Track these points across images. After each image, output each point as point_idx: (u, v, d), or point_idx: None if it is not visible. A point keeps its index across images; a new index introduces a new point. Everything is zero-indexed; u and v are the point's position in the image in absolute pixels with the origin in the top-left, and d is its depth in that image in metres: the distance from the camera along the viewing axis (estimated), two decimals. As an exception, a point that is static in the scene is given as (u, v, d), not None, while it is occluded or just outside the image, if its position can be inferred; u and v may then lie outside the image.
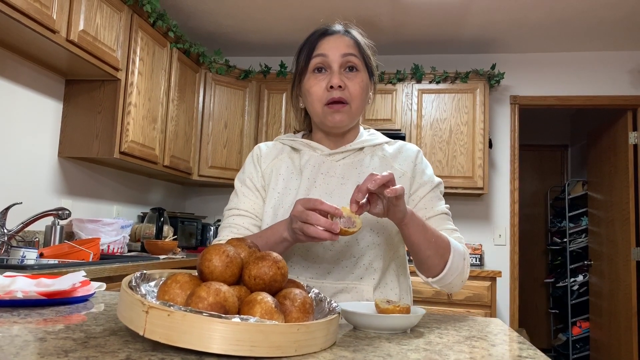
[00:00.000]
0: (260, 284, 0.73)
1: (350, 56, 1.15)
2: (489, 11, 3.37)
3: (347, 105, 1.14)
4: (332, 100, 1.13)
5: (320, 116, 1.16)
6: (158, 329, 0.61)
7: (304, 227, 0.91)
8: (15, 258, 1.94)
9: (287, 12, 3.51)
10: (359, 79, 1.15)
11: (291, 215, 0.95)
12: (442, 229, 1.14)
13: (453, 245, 1.08)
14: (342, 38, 1.17)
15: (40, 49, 2.36)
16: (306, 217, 0.91)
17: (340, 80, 1.12)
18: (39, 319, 0.80)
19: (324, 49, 1.15)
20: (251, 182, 1.23)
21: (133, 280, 0.73)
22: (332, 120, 1.15)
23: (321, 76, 1.15)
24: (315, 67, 1.15)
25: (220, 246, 0.74)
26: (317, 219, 0.90)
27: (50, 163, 2.73)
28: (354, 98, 1.15)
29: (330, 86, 1.12)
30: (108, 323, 0.79)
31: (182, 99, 3.47)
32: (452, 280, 1.09)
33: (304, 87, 1.17)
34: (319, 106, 1.15)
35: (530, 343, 0.79)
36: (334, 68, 1.14)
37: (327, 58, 1.14)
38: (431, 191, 1.19)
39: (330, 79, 1.13)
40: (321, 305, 0.81)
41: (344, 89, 1.13)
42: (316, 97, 1.14)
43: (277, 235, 1.02)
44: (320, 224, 0.90)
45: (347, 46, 1.16)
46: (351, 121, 1.18)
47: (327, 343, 0.69)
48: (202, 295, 0.64)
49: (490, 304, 3.28)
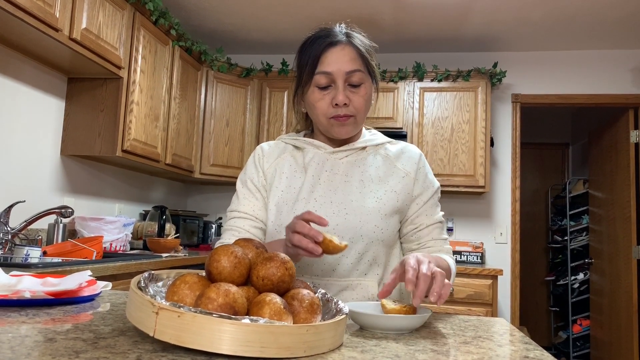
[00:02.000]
0: (268, 285, 0.73)
1: (354, 72, 1.14)
2: (491, 9, 3.37)
3: (352, 118, 1.16)
4: (337, 116, 1.15)
5: (326, 127, 1.18)
6: (168, 330, 0.61)
7: (291, 237, 0.94)
8: (19, 256, 1.95)
9: (288, 10, 3.51)
10: (363, 92, 1.16)
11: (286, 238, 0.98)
12: (437, 239, 1.22)
13: (452, 268, 1.17)
14: (346, 49, 1.15)
15: (43, 47, 2.36)
16: (294, 226, 0.94)
17: (345, 97, 1.13)
18: (47, 318, 0.80)
19: (328, 66, 1.14)
20: (252, 183, 1.24)
21: (142, 281, 0.74)
22: (338, 133, 1.17)
23: (325, 92, 1.15)
24: (318, 84, 1.15)
25: (228, 247, 0.74)
26: (302, 225, 0.93)
27: (52, 161, 2.73)
28: (359, 111, 1.16)
29: (335, 103, 1.13)
30: (116, 323, 0.79)
31: (184, 97, 3.47)
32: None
33: (308, 100, 1.18)
34: (324, 119, 1.17)
35: (536, 344, 0.79)
36: (338, 84, 1.14)
37: (331, 75, 1.14)
38: (432, 197, 1.23)
39: (336, 95, 1.13)
40: (328, 305, 0.82)
41: (348, 105, 1.14)
42: (321, 112, 1.16)
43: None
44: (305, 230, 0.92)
45: (351, 61, 1.14)
46: (356, 130, 1.21)
47: (335, 344, 0.69)
48: (211, 296, 0.65)
49: (492, 302, 3.28)
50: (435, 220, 1.22)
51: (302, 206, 1.15)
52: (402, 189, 1.19)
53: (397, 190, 1.18)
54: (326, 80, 1.14)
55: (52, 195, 2.72)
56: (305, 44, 1.19)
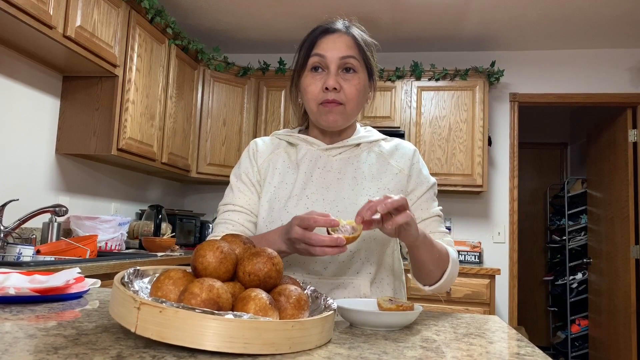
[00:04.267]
0: (254, 281, 0.72)
1: (348, 58, 1.14)
2: (488, 8, 3.36)
3: (342, 106, 1.14)
4: (326, 101, 1.13)
5: (316, 114, 1.17)
6: (150, 326, 0.60)
7: (310, 250, 0.92)
8: (11, 255, 1.93)
9: (286, 9, 3.50)
10: (356, 81, 1.15)
11: (292, 237, 0.95)
12: (435, 232, 1.17)
13: (451, 256, 1.12)
14: (343, 37, 1.16)
15: (37, 45, 2.34)
16: (309, 240, 0.91)
17: (336, 82, 1.12)
18: (30, 315, 0.79)
19: (322, 49, 1.15)
20: (247, 177, 1.22)
21: (126, 277, 0.72)
22: (325, 120, 1.15)
23: (318, 76, 1.15)
24: (312, 66, 1.15)
25: (214, 242, 0.73)
26: (321, 240, 0.90)
27: (47, 160, 2.71)
28: (349, 99, 1.14)
29: (325, 87, 1.12)
30: (101, 320, 0.78)
31: (180, 96, 3.46)
32: (446, 285, 1.13)
33: (301, 85, 1.18)
34: (314, 105, 1.15)
35: (528, 340, 0.78)
36: (331, 69, 1.13)
37: (324, 59, 1.14)
38: (427, 192, 1.20)
39: (326, 79, 1.13)
40: (317, 302, 0.80)
41: (339, 90, 1.13)
42: (312, 96, 1.15)
43: (274, 247, 1.02)
44: (325, 243, 0.90)
45: (347, 47, 1.15)
46: (345, 122, 1.18)
47: (322, 340, 0.68)
48: (195, 291, 0.63)
49: (489, 301, 3.27)
50: (432, 214, 1.19)
51: (294, 203, 1.14)
52: (395, 186, 1.18)
53: (391, 187, 1.17)
54: (319, 60, 1.14)
55: (47, 194, 2.71)
56: (305, 37, 1.21)
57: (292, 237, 0.94)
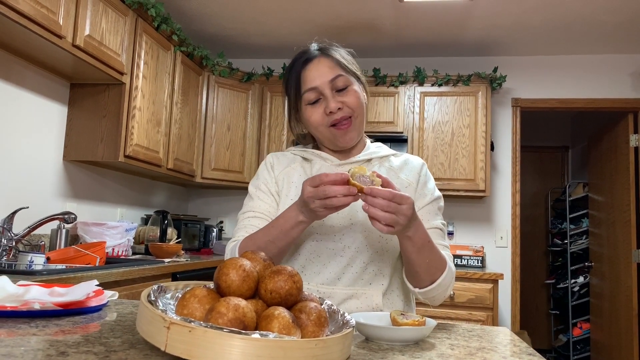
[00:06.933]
0: (276, 298, 0.74)
1: (336, 79, 1.18)
2: (491, 14, 3.39)
3: (351, 119, 1.19)
4: (335, 122, 1.17)
5: (330, 138, 1.21)
6: (179, 345, 0.62)
7: (327, 202, 0.95)
8: (23, 263, 1.95)
9: (289, 15, 3.53)
10: (353, 91, 1.19)
11: (305, 198, 0.98)
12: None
13: (449, 266, 1.13)
14: (322, 61, 1.20)
15: (46, 54, 2.37)
16: (324, 193, 0.95)
17: (337, 103, 1.17)
18: (56, 330, 0.81)
19: (311, 80, 1.19)
20: (266, 186, 1.27)
21: (152, 294, 0.75)
22: (343, 141, 1.20)
23: (317, 105, 1.19)
24: (309, 102, 1.20)
25: (237, 260, 0.75)
26: (335, 190, 0.94)
27: (55, 167, 2.74)
28: (354, 108, 1.19)
29: (329, 112, 1.16)
30: (125, 335, 0.80)
31: (185, 102, 3.48)
32: (435, 295, 1.13)
33: (304, 119, 1.23)
34: (325, 130, 1.20)
35: (540, 355, 0.80)
36: (326, 94, 1.18)
37: (317, 89, 1.18)
38: (430, 204, 1.22)
39: (327, 104, 1.17)
40: (335, 317, 0.83)
41: (342, 108, 1.17)
42: (318, 124, 1.19)
43: (291, 221, 1.06)
44: (340, 192, 0.94)
45: (329, 69, 1.19)
46: (359, 134, 1.23)
47: (342, 357, 0.70)
48: (222, 310, 0.66)
49: (492, 306, 3.29)
50: (433, 226, 1.20)
51: None
52: None
53: None
54: (314, 94, 1.18)
55: (54, 201, 2.73)
56: (287, 72, 1.26)
57: (305, 197, 0.98)
